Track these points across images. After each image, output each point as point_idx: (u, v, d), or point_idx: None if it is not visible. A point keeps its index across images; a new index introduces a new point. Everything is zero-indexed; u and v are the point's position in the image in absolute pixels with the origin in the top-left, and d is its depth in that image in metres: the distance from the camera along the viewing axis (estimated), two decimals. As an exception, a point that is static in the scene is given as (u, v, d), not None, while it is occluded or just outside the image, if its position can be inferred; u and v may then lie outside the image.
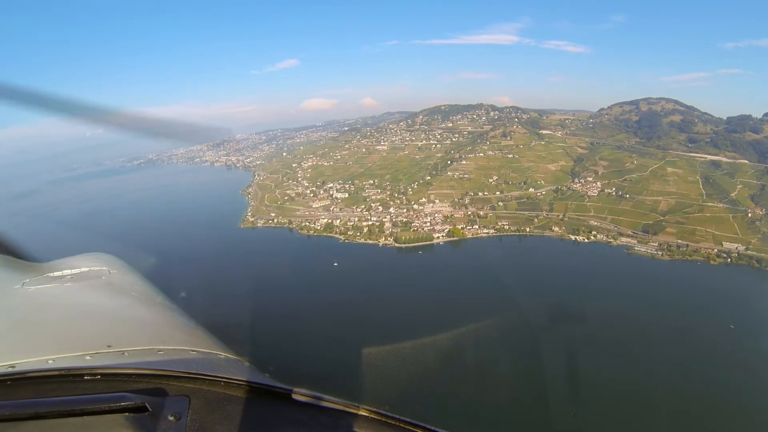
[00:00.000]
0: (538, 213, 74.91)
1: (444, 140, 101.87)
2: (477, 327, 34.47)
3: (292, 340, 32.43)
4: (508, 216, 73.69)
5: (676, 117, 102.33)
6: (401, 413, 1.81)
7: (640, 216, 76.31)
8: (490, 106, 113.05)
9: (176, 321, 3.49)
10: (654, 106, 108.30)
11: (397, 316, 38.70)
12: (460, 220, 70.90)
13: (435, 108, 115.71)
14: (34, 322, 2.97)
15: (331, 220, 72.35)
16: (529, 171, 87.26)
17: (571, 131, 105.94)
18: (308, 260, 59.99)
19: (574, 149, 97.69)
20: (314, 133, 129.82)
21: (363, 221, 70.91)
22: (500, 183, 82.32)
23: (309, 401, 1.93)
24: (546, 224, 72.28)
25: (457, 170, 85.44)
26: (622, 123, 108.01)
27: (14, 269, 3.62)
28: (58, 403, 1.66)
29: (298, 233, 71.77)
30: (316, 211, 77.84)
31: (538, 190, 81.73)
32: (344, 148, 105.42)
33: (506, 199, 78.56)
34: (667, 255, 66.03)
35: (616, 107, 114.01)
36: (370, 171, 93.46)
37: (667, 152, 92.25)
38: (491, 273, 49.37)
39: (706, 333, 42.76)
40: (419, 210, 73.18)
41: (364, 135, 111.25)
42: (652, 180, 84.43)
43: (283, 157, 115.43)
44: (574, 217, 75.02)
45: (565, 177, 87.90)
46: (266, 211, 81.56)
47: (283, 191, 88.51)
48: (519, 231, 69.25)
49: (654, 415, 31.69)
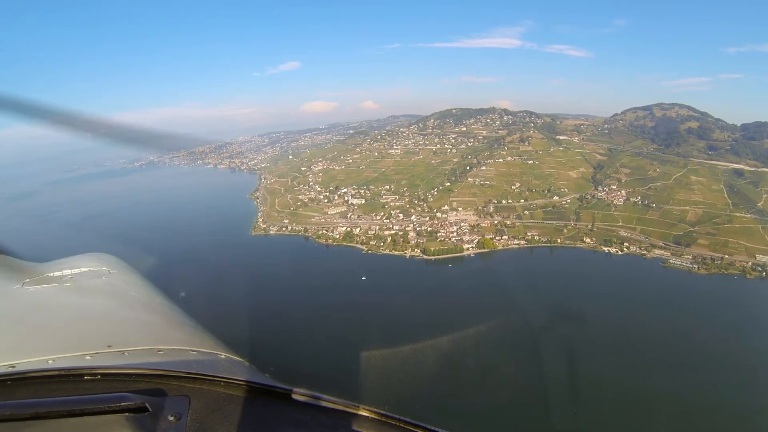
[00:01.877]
0: (566, 222, 71.76)
1: (459, 144, 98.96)
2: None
3: (343, 366, 28.49)
4: (535, 225, 70.43)
5: (693, 124, 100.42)
6: (401, 413, 1.80)
7: (669, 226, 73.74)
8: (503, 110, 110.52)
9: (176, 321, 3.43)
10: (668, 112, 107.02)
11: (445, 346, 34.68)
12: (487, 229, 67.44)
13: (446, 111, 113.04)
14: (34, 322, 2.96)
15: (350, 228, 68.35)
16: (550, 178, 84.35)
17: (587, 137, 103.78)
18: (333, 273, 55.70)
19: (592, 155, 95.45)
20: (318, 135, 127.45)
21: (385, 230, 67.02)
22: (523, 190, 79.20)
23: (309, 401, 1.92)
24: (576, 235, 69.19)
25: (478, 176, 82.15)
26: (637, 129, 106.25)
27: (14, 269, 3.61)
28: (59, 403, 1.66)
29: (314, 242, 67.64)
30: (332, 218, 73.78)
31: (563, 198, 78.73)
32: (355, 152, 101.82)
33: (531, 207, 75.39)
34: (703, 269, 63.36)
35: (629, 112, 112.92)
36: (385, 176, 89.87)
37: (688, 160, 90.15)
38: (537, 294, 45.62)
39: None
40: (443, 218, 69.49)
41: (375, 138, 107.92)
42: (676, 188, 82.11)
43: (289, 160, 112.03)
44: (602, 228, 72.13)
45: (587, 184, 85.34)
46: (278, 218, 77.42)
47: (295, 196, 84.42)
48: (550, 242, 65.92)
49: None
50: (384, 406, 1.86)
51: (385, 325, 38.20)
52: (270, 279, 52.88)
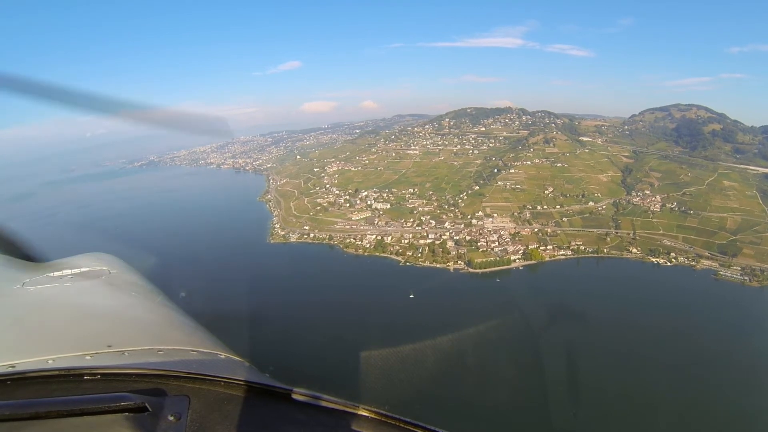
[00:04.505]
0: (607, 231, 67.71)
1: (480, 145, 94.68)
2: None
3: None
4: (576, 234, 66.27)
5: (716, 126, 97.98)
6: (401, 413, 1.78)
7: (710, 234, 70.47)
8: (520, 109, 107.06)
9: (176, 321, 3.42)
10: (687, 113, 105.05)
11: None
12: (528, 238, 62.88)
13: (461, 111, 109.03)
14: (34, 322, 2.95)
15: (381, 237, 62.98)
16: (581, 182, 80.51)
17: (609, 138, 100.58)
18: (374, 289, 50.15)
19: (618, 158, 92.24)
20: (323, 135, 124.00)
21: (419, 239, 61.84)
22: (557, 195, 75.06)
23: (309, 401, 1.92)
24: (620, 244, 65.23)
25: (508, 180, 77.66)
26: (659, 130, 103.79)
27: (14, 269, 3.58)
28: (58, 403, 1.67)
29: (342, 251, 62.07)
30: (357, 225, 68.33)
31: (598, 203, 74.80)
32: (371, 152, 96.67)
33: (568, 213, 71.26)
34: (755, 281, 60.00)
35: (647, 113, 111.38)
36: (406, 178, 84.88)
37: (716, 164, 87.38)
38: (610, 313, 41.52)
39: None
40: (479, 226, 64.64)
41: (389, 138, 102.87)
42: (711, 194, 79.08)
43: (297, 160, 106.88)
44: (644, 236, 68.46)
45: (618, 189, 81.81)
46: (297, 223, 71.77)
47: (312, 199, 78.81)
48: (597, 252, 61.59)
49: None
50: (384, 406, 1.81)
51: (464, 364, 32.89)
52: (303, 293, 47.47)
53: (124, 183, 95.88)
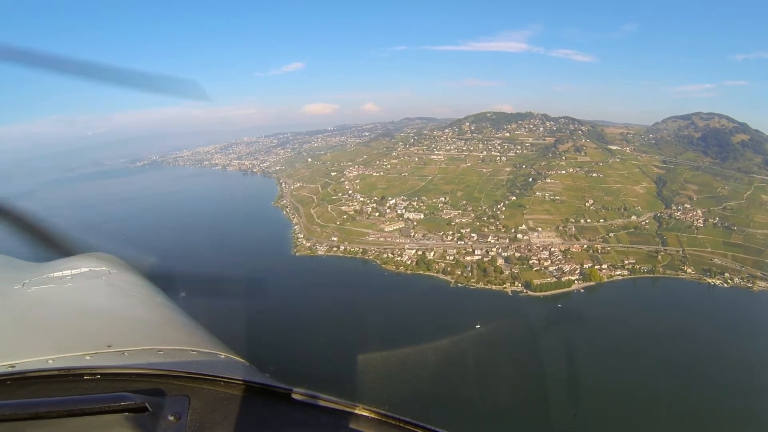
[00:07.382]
0: (657, 248, 63.78)
1: (506, 152, 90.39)
2: None
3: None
4: (626, 251, 62.23)
5: (744, 136, 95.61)
6: (401, 413, 1.80)
7: (757, 253, 67.21)
8: (542, 115, 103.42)
9: (176, 321, 3.40)
10: (710, 122, 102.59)
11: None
12: (579, 255, 58.52)
13: (481, 115, 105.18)
14: (34, 322, 2.95)
15: (422, 252, 57.73)
16: (620, 194, 76.74)
17: (636, 147, 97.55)
18: (431, 315, 44.15)
19: (649, 168, 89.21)
20: (331, 137, 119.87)
21: (465, 255, 56.81)
22: (598, 208, 71.03)
23: (309, 401, 1.91)
24: (671, 262, 61.35)
25: (545, 190, 73.25)
26: (684, 140, 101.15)
27: (14, 269, 3.59)
28: (58, 403, 1.67)
29: (380, 268, 56.61)
30: (391, 237, 63.00)
31: (640, 217, 70.97)
32: (391, 157, 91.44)
33: (612, 228, 67.16)
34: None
35: (670, 121, 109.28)
36: (434, 185, 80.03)
37: (751, 176, 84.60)
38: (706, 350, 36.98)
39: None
40: (526, 241, 59.99)
41: (406, 142, 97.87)
42: (752, 209, 76.13)
43: (308, 162, 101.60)
44: (693, 253, 64.85)
45: (656, 201, 78.38)
46: (323, 233, 66.23)
47: (336, 207, 73.26)
48: (653, 272, 57.49)
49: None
50: (384, 406, 1.79)
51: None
52: (351, 320, 41.78)
53: (126, 183, 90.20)
